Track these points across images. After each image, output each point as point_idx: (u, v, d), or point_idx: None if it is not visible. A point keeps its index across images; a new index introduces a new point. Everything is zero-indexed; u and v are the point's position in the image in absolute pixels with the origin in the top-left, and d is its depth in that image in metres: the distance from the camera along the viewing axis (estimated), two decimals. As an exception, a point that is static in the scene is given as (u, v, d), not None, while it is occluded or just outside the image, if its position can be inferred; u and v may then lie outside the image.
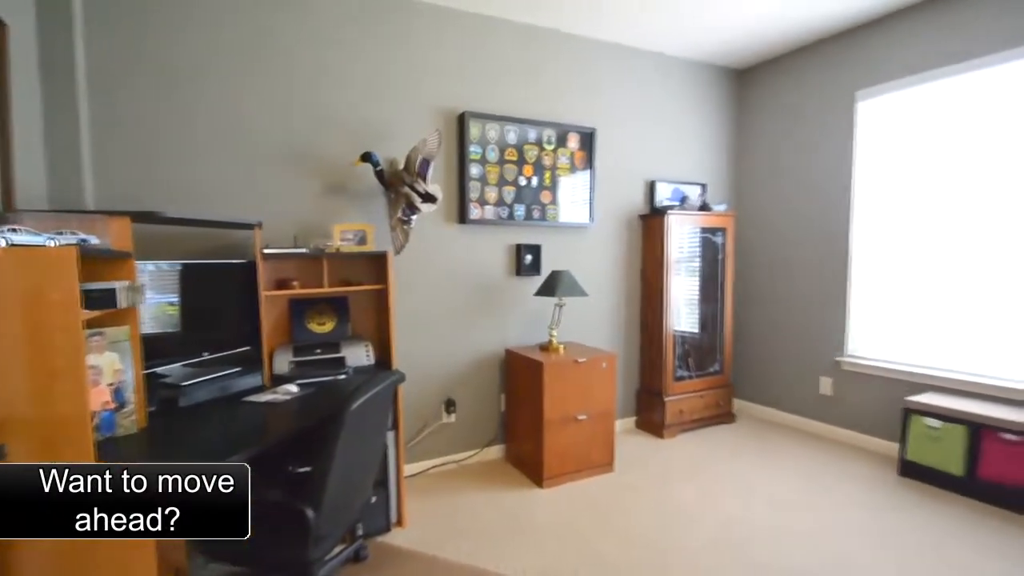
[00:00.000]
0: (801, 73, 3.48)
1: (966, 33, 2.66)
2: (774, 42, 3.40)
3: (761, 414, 3.80)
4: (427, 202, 2.46)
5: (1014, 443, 2.33)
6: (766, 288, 3.76)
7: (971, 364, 2.73)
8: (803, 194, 3.50)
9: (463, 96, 2.89)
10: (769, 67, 3.68)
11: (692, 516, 2.40)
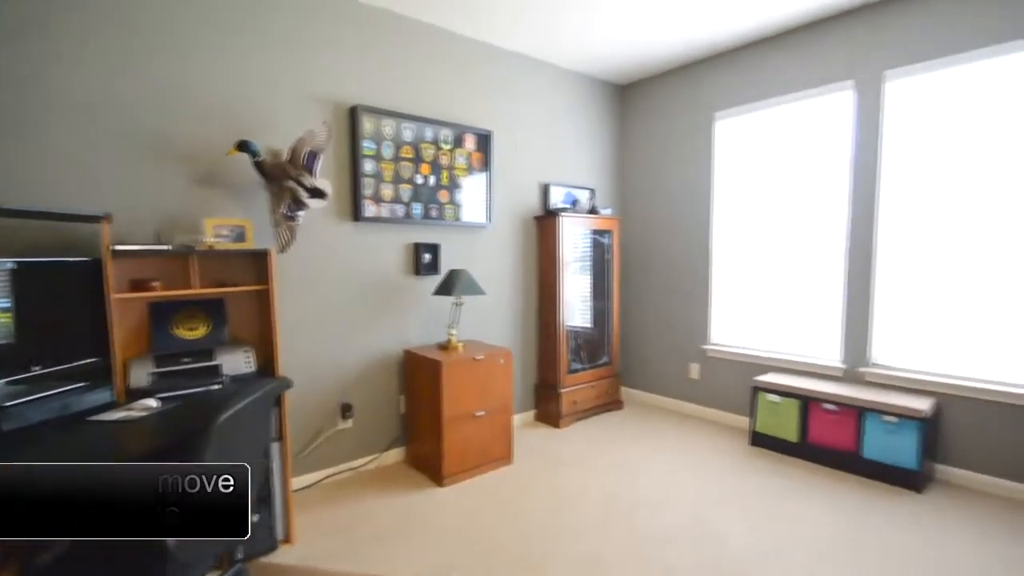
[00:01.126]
0: (672, 92, 3.85)
1: (801, 66, 3.14)
2: (647, 63, 3.72)
3: (645, 399, 4.15)
4: (315, 197, 2.31)
5: (833, 412, 2.82)
6: (647, 286, 4.11)
7: (803, 348, 3.24)
8: (675, 201, 3.88)
9: (356, 89, 2.76)
10: (646, 84, 4.02)
11: (582, 496, 2.56)
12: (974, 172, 2.57)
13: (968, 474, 2.61)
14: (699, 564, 2.00)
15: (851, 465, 2.74)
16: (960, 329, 2.65)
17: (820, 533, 2.21)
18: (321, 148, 2.37)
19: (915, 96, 2.72)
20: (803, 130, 3.18)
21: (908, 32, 2.70)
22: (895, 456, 2.59)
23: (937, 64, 2.61)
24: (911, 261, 2.80)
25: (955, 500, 2.47)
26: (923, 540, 2.15)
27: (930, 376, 2.72)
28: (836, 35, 2.97)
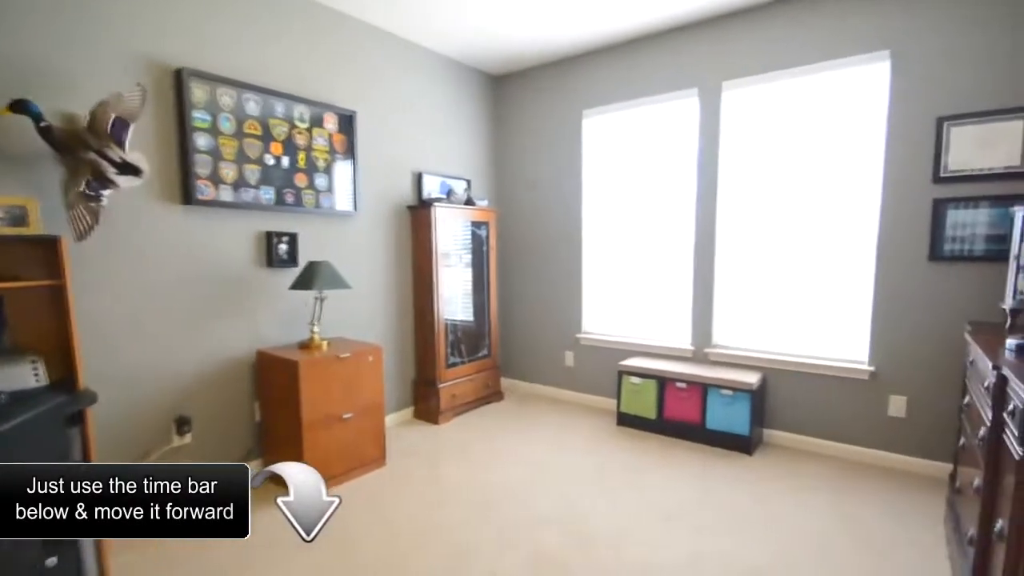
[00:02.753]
0: (544, 86, 3.99)
1: (656, 72, 3.44)
2: (519, 56, 3.81)
3: (525, 389, 4.30)
4: (126, 174, 1.97)
5: (683, 390, 3.17)
6: (524, 277, 4.24)
7: (660, 333, 3.60)
8: (548, 194, 4.04)
9: (183, 49, 2.41)
10: (520, 77, 4.12)
11: (458, 490, 2.57)
12: (794, 173, 3.04)
13: (788, 435, 3.10)
14: (566, 543, 2.12)
15: (697, 435, 3.12)
16: (782, 313, 3.14)
17: (671, 499, 2.48)
18: (134, 115, 2.02)
19: (747, 103, 3.14)
20: (660, 131, 3.50)
21: (742, 47, 3.10)
22: (731, 424, 3.00)
23: (766, 77, 3.04)
24: (743, 254, 3.24)
25: (778, 458, 2.92)
26: (752, 495, 2.52)
27: (758, 353, 3.19)
28: (684, 46, 3.31)
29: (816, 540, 2.14)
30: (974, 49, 2.50)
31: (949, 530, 2.08)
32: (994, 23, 2.45)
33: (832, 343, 2.99)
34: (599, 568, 1.97)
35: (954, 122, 2.57)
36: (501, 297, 4.23)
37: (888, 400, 2.80)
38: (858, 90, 2.82)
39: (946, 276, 2.63)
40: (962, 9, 2.51)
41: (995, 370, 1.51)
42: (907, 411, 2.76)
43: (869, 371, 2.83)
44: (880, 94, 2.74)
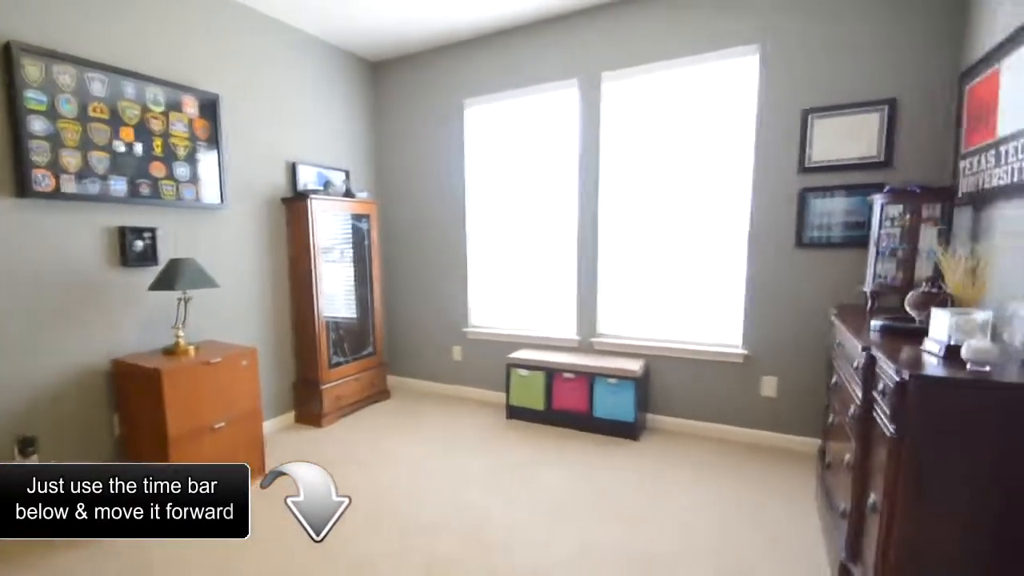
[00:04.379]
0: (424, 75, 3.97)
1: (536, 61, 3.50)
2: (398, 42, 3.77)
3: (413, 386, 4.30)
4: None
5: (571, 380, 3.29)
6: (410, 271, 4.24)
7: (547, 325, 3.71)
8: (432, 185, 4.04)
9: (11, 21, 2.20)
10: (400, 64, 4.07)
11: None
12: (672, 164, 3.20)
13: (671, 419, 3.29)
14: (463, 548, 2.11)
15: (586, 424, 3.25)
16: (662, 301, 3.32)
17: (562, 492, 2.55)
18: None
19: (626, 94, 3.27)
20: (542, 122, 3.59)
21: (620, 38, 3.21)
22: (617, 412, 3.15)
23: (644, 69, 3.17)
24: (625, 244, 3.39)
25: (662, 442, 3.10)
26: (639, 478, 2.66)
27: (641, 342, 3.36)
28: (563, 35, 3.39)
29: (699, 520, 2.29)
30: (837, 45, 2.71)
31: (821, 504, 2.26)
32: (856, 21, 2.66)
33: (709, 329, 3.20)
34: (495, 572, 1.97)
35: (818, 114, 2.79)
36: (386, 292, 4.20)
37: (761, 381, 3.03)
38: (731, 83, 3.00)
39: (811, 262, 2.87)
40: (827, 7, 2.71)
41: (864, 351, 1.63)
42: (778, 391, 2.99)
43: (743, 354, 3.05)
44: (751, 87, 2.94)
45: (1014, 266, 1.74)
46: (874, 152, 2.69)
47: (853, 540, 1.70)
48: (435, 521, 2.32)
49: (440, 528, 2.26)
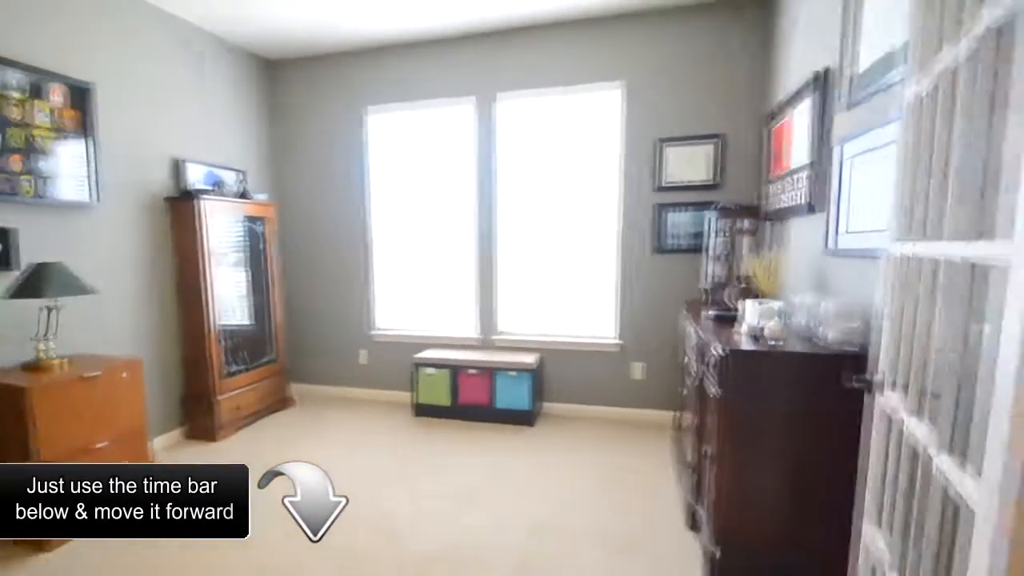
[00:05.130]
0: (327, 77, 4.05)
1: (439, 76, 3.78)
2: (298, 42, 3.80)
3: (317, 392, 4.31)
4: None
5: (474, 375, 3.62)
6: (313, 275, 4.26)
7: (451, 325, 4.00)
8: (336, 189, 4.13)
9: None
10: (301, 64, 4.10)
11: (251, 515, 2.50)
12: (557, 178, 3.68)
13: (562, 405, 3.77)
14: (374, 540, 2.24)
15: (489, 415, 3.59)
16: (551, 300, 3.79)
17: (468, 477, 2.83)
18: None
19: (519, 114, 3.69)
20: (444, 133, 3.88)
21: (513, 63, 3.62)
22: (516, 402, 3.54)
23: (533, 92, 3.62)
24: (520, 249, 3.81)
25: (555, 426, 3.55)
26: (535, 458, 3.05)
27: (535, 337, 3.81)
28: (463, 55, 3.72)
29: (585, 484, 2.73)
30: (681, 89, 3.38)
31: (676, 461, 2.84)
32: (695, 71, 3.34)
33: (590, 323, 3.74)
34: (406, 559, 2.13)
35: (668, 143, 3.44)
36: (287, 297, 4.17)
37: (631, 366, 3.63)
38: (605, 110, 3.56)
39: (667, 265, 3.51)
40: (673, 58, 3.36)
41: (699, 335, 2.13)
42: (645, 374, 3.61)
43: (617, 344, 3.63)
44: (618, 116, 3.53)
45: (798, 267, 2.42)
46: (709, 176, 3.40)
47: (696, 485, 2.22)
48: (349, 525, 2.31)
49: (354, 531, 2.30)
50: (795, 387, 1.77)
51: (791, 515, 1.81)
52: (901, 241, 1.14)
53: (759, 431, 1.83)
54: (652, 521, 2.38)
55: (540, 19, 3.46)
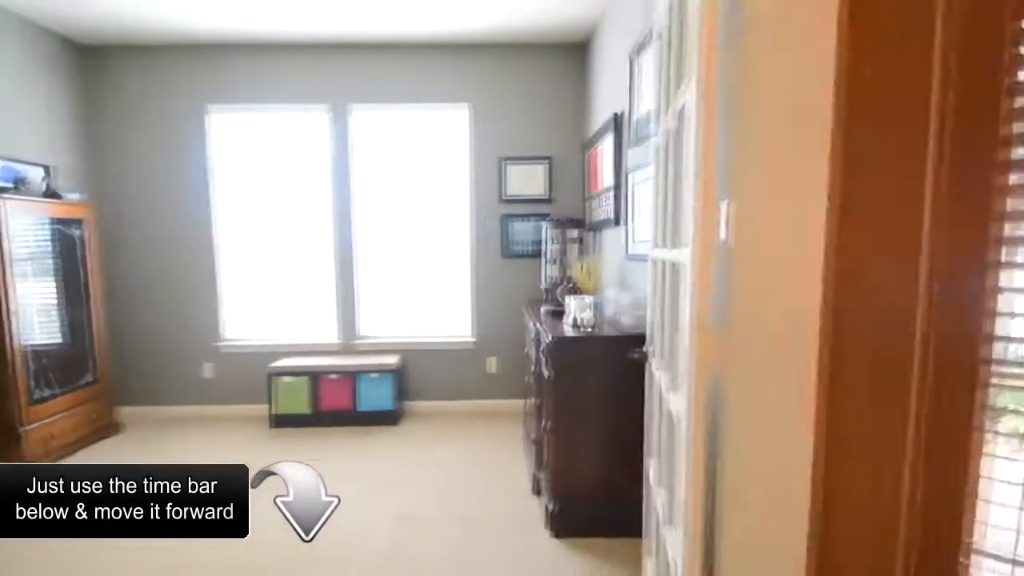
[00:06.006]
0: (161, 69, 3.81)
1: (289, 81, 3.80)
2: (122, 28, 3.49)
3: (151, 414, 3.95)
4: None
5: (336, 380, 3.69)
6: (145, 286, 3.94)
7: (310, 331, 4.02)
8: (173, 190, 3.88)
9: None
10: (127, 53, 3.79)
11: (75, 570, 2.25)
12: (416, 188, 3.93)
13: (425, 403, 4.01)
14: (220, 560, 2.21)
15: (352, 419, 3.69)
16: (412, 303, 4.02)
17: (335, 481, 2.77)
18: None
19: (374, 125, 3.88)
20: (298, 138, 3.90)
21: (367, 77, 3.80)
22: (379, 403, 3.70)
23: (388, 107, 3.84)
24: (377, 255, 3.98)
25: (419, 423, 3.78)
26: (400, 454, 3.24)
27: (397, 339, 4.01)
28: (316, 63, 3.79)
29: (448, 474, 2.98)
30: (517, 115, 3.87)
31: (524, 440, 3.24)
32: (527, 99, 3.85)
33: (448, 324, 4.05)
34: (281, 561, 2.19)
35: (509, 161, 3.91)
36: (111, 310, 3.76)
37: (486, 361, 4.02)
38: (455, 128, 3.91)
39: (514, 269, 3.97)
40: (509, 88, 3.83)
41: (536, 327, 2.54)
42: (498, 367, 4.03)
43: (473, 342, 4.00)
44: (466, 134, 3.90)
45: (610, 268, 3.00)
46: (545, 192, 3.93)
47: (539, 456, 2.63)
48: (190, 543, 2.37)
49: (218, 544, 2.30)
50: (604, 364, 2.25)
51: (608, 469, 2.28)
52: (656, 249, 1.62)
53: (582, 403, 2.28)
54: (504, 493, 2.75)
55: (392, 39, 3.69)
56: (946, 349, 0.93)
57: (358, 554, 2.24)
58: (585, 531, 2.28)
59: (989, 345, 0.91)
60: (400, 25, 3.46)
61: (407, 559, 2.23)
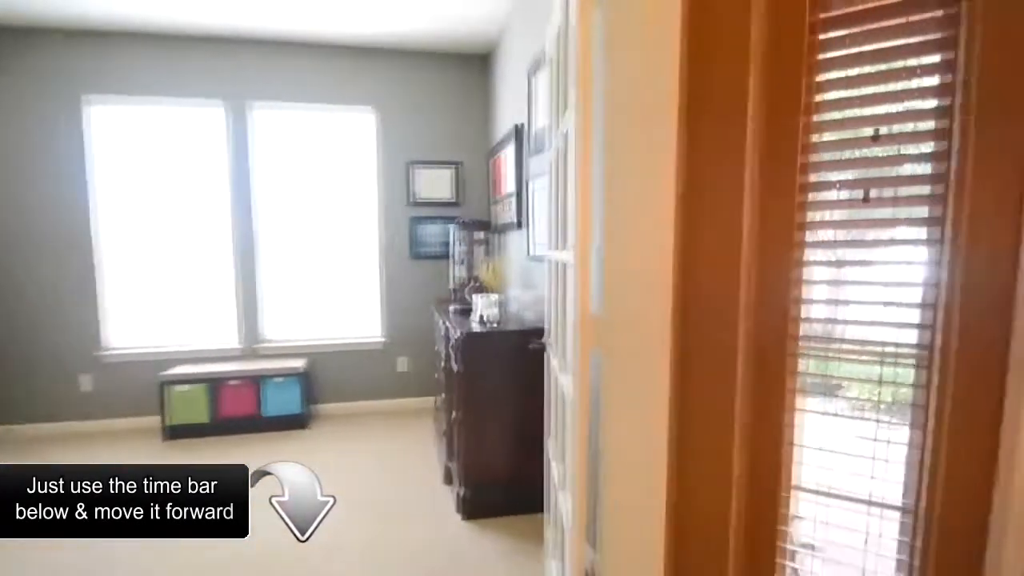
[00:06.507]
0: (28, 56, 3.39)
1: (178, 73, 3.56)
2: (6, 10, 3.12)
3: (22, 433, 3.54)
4: None
5: (238, 386, 3.53)
6: (11, 292, 3.49)
7: (207, 336, 3.79)
8: (43, 187, 3.48)
9: None
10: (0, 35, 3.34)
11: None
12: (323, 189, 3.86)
13: (336, 405, 3.95)
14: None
15: (257, 425, 3.55)
16: (319, 305, 3.94)
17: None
18: None
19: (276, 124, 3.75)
20: (193, 135, 3.67)
21: (268, 75, 3.67)
22: (286, 407, 3.59)
23: (289, 105, 3.74)
24: (283, 256, 3.86)
25: (330, 425, 3.72)
26: (312, 459, 3.07)
27: (304, 342, 3.91)
28: (212, 57, 3.59)
29: (361, 473, 2.98)
30: (424, 122, 3.94)
31: (435, 434, 3.33)
32: (439, 104, 3.95)
33: (358, 324, 4.02)
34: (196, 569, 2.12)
35: (416, 165, 3.97)
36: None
37: (396, 360, 4.05)
38: (362, 130, 3.89)
39: (422, 269, 4.04)
40: (422, 87, 3.90)
41: (445, 325, 2.63)
42: (409, 366, 4.08)
43: (383, 341, 4.01)
44: (373, 137, 3.90)
45: (514, 269, 3.20)
46: (452, 196, 4.05)
47: (449, 446, 2.75)
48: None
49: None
50: (510, 356, 2.43)
51: (514, 453, 2.46)
52: (551, 251, 1.81)
53: (489, 393, 2.44)
54: (416, 485, 2.84)
55: (294, 37, 3.59)
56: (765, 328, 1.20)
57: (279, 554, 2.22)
58: (495, 512, 2.44)
59: (796, 324, 1.19)
60: (302, 24, 3.39)
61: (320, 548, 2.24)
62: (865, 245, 1.16)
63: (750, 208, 1.16)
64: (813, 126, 1.13)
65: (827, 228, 1.17)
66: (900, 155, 1.07)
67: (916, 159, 1.05)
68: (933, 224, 1.03)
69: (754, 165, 1.15)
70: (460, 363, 2.39)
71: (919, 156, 1.05)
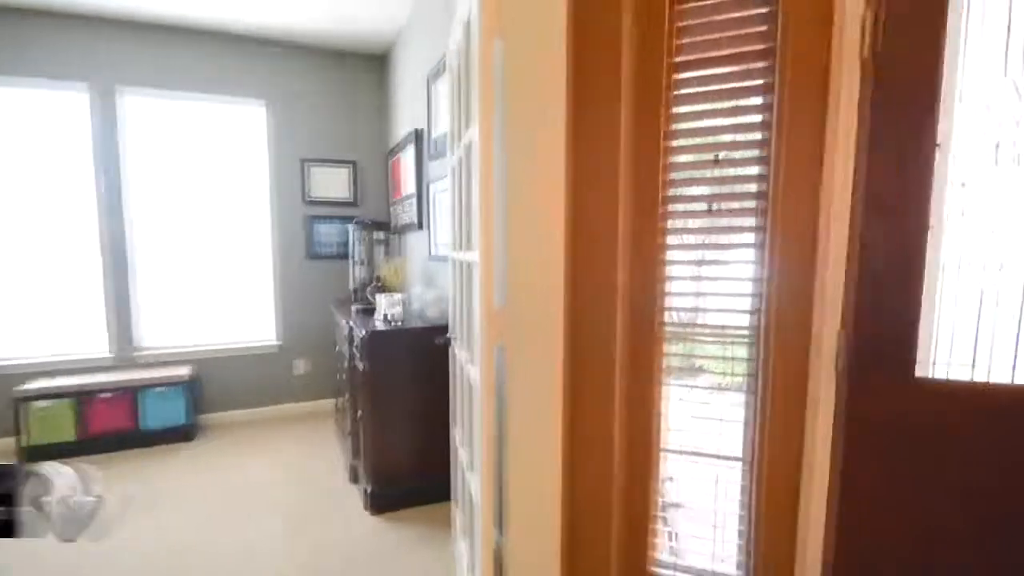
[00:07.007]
0: None
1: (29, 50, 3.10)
2: None
3: None
4: None
5: (110, 399, 3.16)
6: None
7: (69, 345, 3.35)
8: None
9: None
10: None
11: None
12: (207, 185, 3.56)
13: (226, 413, 3.69)
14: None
15: (134, 440, 3.22)
16: (205, 308, 3.65)
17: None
18: None
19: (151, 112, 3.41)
20: (52, 118, 3.20)
21: (139, 58, 3.31)
22: (169, 419, 3.28)
23: (166, 94, 3.41)
24: (161, 256, 3.52)
25: (220, 435, 3.46)
26: (201, 471, 2.93)
27: (188, 348, 3.60)
28: (72, 33, 3.17)
29: (262, 479, 2.83)
30: (319, 119, 3.81)
31: (338, 435, 3.26)
32: (335, 102, 3.83)
33: (249, 327, 3.79)
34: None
35: (311, 163, 3.83)
36: None
37: (293, 363, 3.88)
38: (251, 125, 3.66)
39: (320, 269, 3.91)
40: (317, 84, 3.75)
41: (348, 325, 2.59)
42: (307, 368, 3.93)
43: (278, 344, 3.82)
44: (263, 132, 3.70)
45: (416, 268, 3.24)
46: (349, 195, 3.97)
47: (355, 445, 2.74)
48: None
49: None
50: (414, 353, 2.48)
51: (420, 446, 2.52)
52: (455, 251, 1.91)
53: (395, 390, 2.47)
54: (321, 486, 2.78)
55: (171, 20, 3.29)
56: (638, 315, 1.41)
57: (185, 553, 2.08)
58: (403, 504, 2.50)
59: (662, 312, 1.42)
60: (178, 6, 3.12)
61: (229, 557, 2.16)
62: (718, 248, 1.41)
63: (624, 218, 1.36)
64: (671, 150, 1.36)
65: (688, 233, 1.41)
66: (736, 176, 1.33)
67: (746, 180, 1.32)
68: (759, 231, 1.30)
69: (627, 182, 1.36)
70: (366, 361, 2.41)
71: (748, 177, 1.31)
